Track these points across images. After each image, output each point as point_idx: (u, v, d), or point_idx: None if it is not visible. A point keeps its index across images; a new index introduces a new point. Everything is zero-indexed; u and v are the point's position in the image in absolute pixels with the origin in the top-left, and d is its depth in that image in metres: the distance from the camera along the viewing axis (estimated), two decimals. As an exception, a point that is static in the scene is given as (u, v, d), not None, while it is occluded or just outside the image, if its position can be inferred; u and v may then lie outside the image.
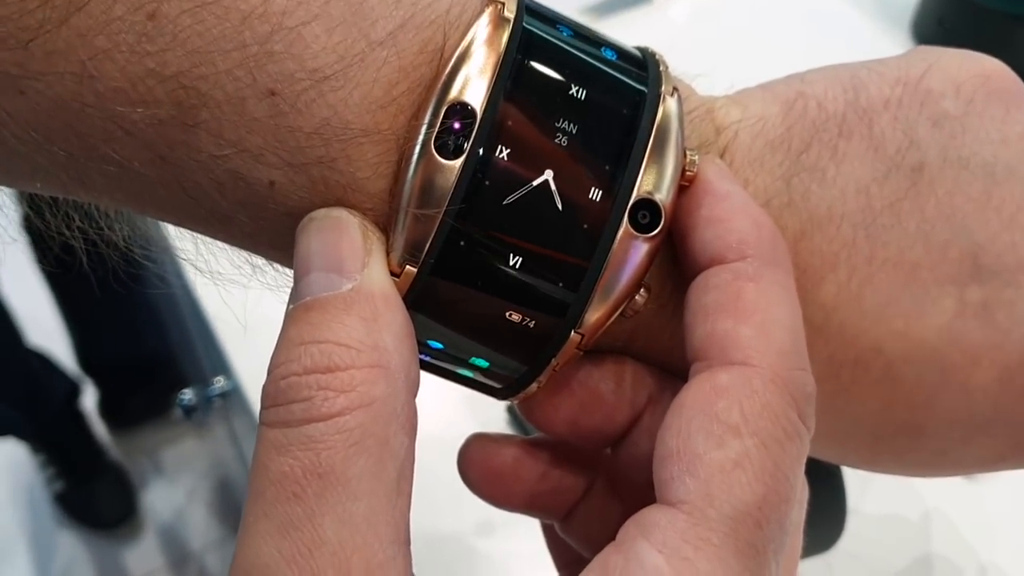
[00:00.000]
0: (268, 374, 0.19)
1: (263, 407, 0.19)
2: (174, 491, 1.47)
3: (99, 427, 1.49)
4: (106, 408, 1.51)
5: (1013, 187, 0.23)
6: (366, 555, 0.17)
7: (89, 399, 1.47)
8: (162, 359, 1.43)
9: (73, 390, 1.40)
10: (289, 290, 0.20)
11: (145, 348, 1.43)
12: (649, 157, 0.21)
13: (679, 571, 0.18)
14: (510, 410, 0.49)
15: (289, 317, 0.19)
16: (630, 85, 0.21)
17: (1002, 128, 0.23)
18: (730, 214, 0.21)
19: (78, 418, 1.42)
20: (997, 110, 0.24)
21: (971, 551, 0.44)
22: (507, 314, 0.21)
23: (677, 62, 0.24)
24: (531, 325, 0.21)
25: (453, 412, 0.47)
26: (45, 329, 1.36)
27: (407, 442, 0.19)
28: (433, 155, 0.19)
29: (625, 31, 0.69)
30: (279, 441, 0.18)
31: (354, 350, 0.18)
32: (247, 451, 0.91)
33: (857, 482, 0.42)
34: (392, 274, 0.20)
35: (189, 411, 0.64)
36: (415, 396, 0.19)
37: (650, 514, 0.19)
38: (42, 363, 1.35)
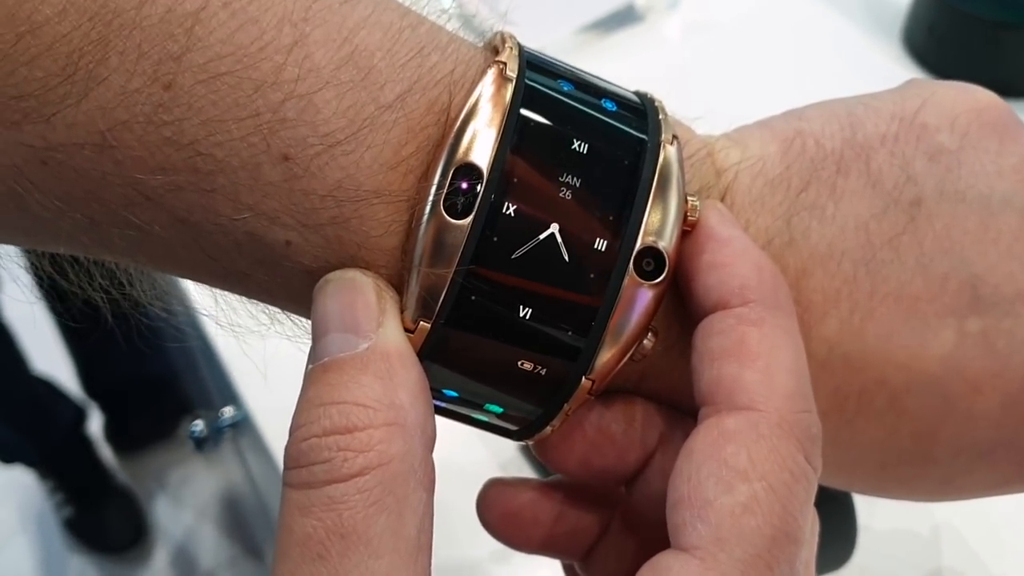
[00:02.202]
0: (290, 435, 0.19)
1: (286, 468, 0.19)
2: (183, 513, 1.47)
3: (106, 452, 1.49)
4: (112, 432, 1.51)
5: (1009, 218, 0.23)
6: None
7: (94, 424, 1.47)
8: (166, 382, 1.43)
9: (79, 415, 1.40)
10: (305, 338, 0.21)
11: (149, 371, 1.43)
12: (652, 205, 0.21)
13: None
14: (532, 451, 0.49)
15: (308, 378, 0.20)
16: (631, 135, 0.22)
17: (997, 160, 0.24)
18: (732, 259, 0.22)
19: (85, 443, 1.42)
20: (991, 143, 0.24)
21: (982, 564, 0.44)
22: (519, 362, 0.21)
23: (672, 79, 0.25)
24: (543, 372, 0.21)
25: (469, 442, 0.48)
26: (49, 355, 1.36)
27: (425, 497, 0.19)
28: (443, 215, 0.20)
29: (620, 50, 0.70)
30: (302, 502, 0.18)
31: (371, 409, 0.19)
32: (255, 473, 0.92)
33: (866, 499, 0.42)
34: (407, 330, 0.20)
35: (200, 443, 0.65)
36: (432, 451, 0.20)
37: (664, 560, 0.19)
38: (48, 389, 1.35)
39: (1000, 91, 0.26)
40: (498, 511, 0.26)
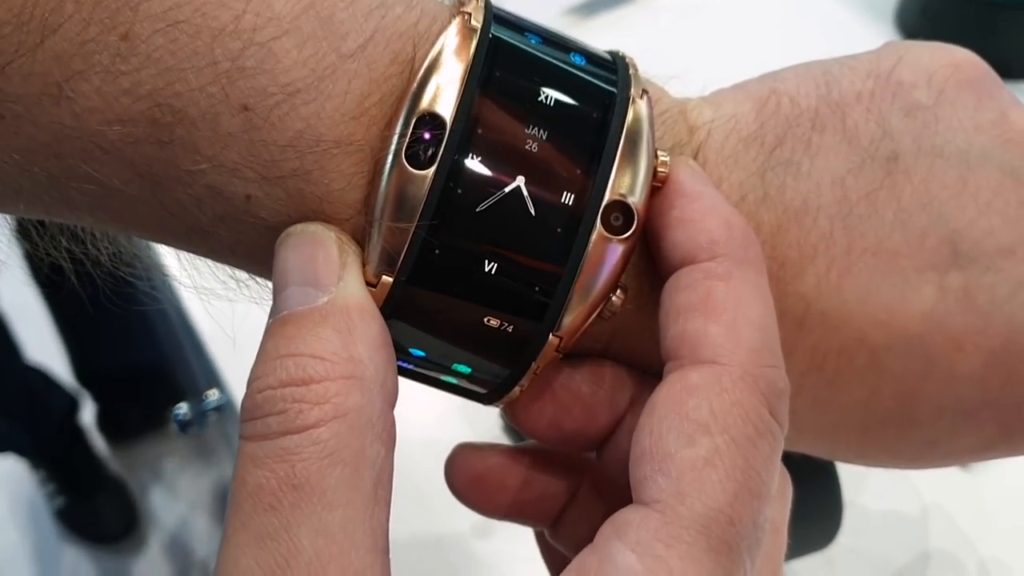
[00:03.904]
0: (247, 388, 0.19)
1: (241, 420, 0.19)
2: (175, 502, 1.47)
3: (98, 441, 1.49)
4: (104, 422, 1.51)
5: (988, 173, 0.23)
6: (342, 564, 0.17)
7: (87, 413, 1.47)
8: (158, 370, 1.43)
9: (72, 405, 1.40)
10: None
11: (140, 359, 1.43)
12: (620, 159, 0.21)
13: (652, 570, 0.18)
14: (504, 415, 0.49)
15: (267, 331, 0.20)
16: (600, 88, 0.21)
17: (975, 116, 0.24)
18: (701, 215, 0.21)
19: (77, 433, 1.42)
20: (969, 98, 0.24)
21: (968, 542, 0.44)
22: (485, 319, 0.21)
23: (662, 60, 0.24)
24: (510, 330, 0.21)
25: (448, 417, 0.47)
26: (43, 345, 1.36)
27: (383, 452, 0.19)
28: (404, 165, 0.20)
29: (610, 30, 0.70)
30: (256, 454, 0.18)
31: (328, 362, 0.19)
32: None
33: (852, 477, 0.42)
34: (369, 284, 0.20)
35: (185, 426, 0.64)
36: (392, 406, 0.20)
37: (624, 514, 0.19)
38: (41, 379, 1.35)
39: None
40: (465, 475, 0.26)
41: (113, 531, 1.42)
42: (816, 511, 0.40)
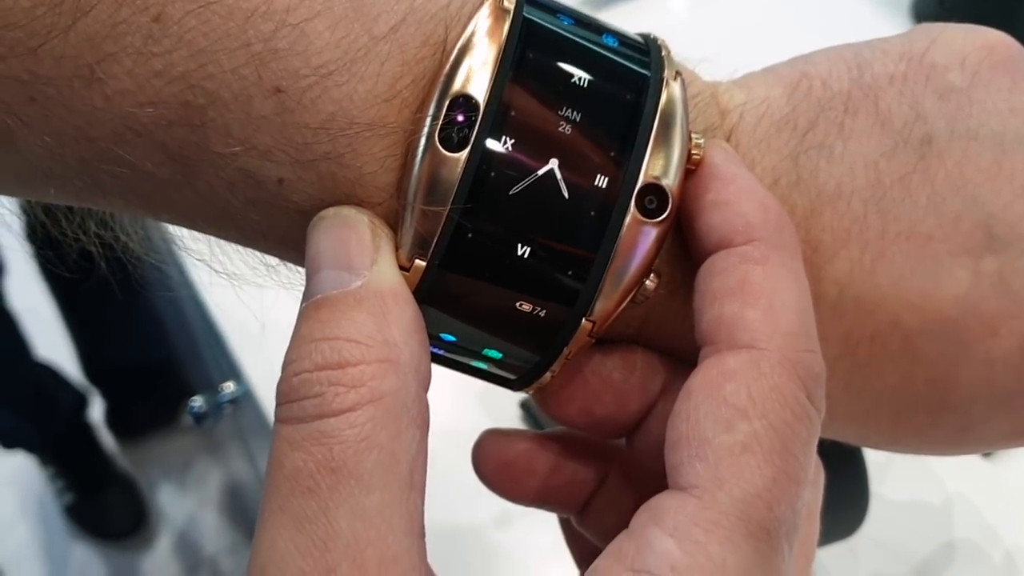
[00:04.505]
0: (282, 371, 0.19)
1: (277, 404, 0.19)
2: (184, 499, 1.47)
3: (107, 438, 1.49)
4: (113, 419, 1.51)
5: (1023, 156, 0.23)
6: (380, 547, 0.17)
7: (95, 410, 1.47)
8: (166, 367, 1.43)
9: (81, 402, 1.40)
10: (303, 289, 0.20)
11: (149, 356, 1.43)
12: (654, 142, 0.21)
13: (690, 555, 0.18)
14: (523, 406, 0.49)
15: (301, 315, 0.19)
16: (633, 71, 0.21)
17: (1009, 98, 0.23)
18: (737, 198, 0.21)
19: (86, 430, 1.42)
20: (1003, 81, 0.24)
21: (992, 531, 0.43)
22: (518, 304, 0.21)
23: (678, 51, 0.24)
24: (542, 315, 0.21)
25: (467, 408, 0.47)
26: (52, 342, 1.36)
27: (419, 435, 0.19)
28: (437, 148, 0.19)
29: (624, 21, 0.69)
30: (292, 437, 0.18)
31: (364, 346, 0.18)
32: (257, 454, 0.91)
33: (878, 467, 0.42)
34: (402, 268, 0.20)
35: (200, 418, 0.64)
36: (426, 390, 0.19)
37: (661, 499, 0.19)
38: (50, 376, 1.35)
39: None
40: (493, 461, 0.25)
41: (122, 528, 1.43)
42: (844, 499, 0.40)
